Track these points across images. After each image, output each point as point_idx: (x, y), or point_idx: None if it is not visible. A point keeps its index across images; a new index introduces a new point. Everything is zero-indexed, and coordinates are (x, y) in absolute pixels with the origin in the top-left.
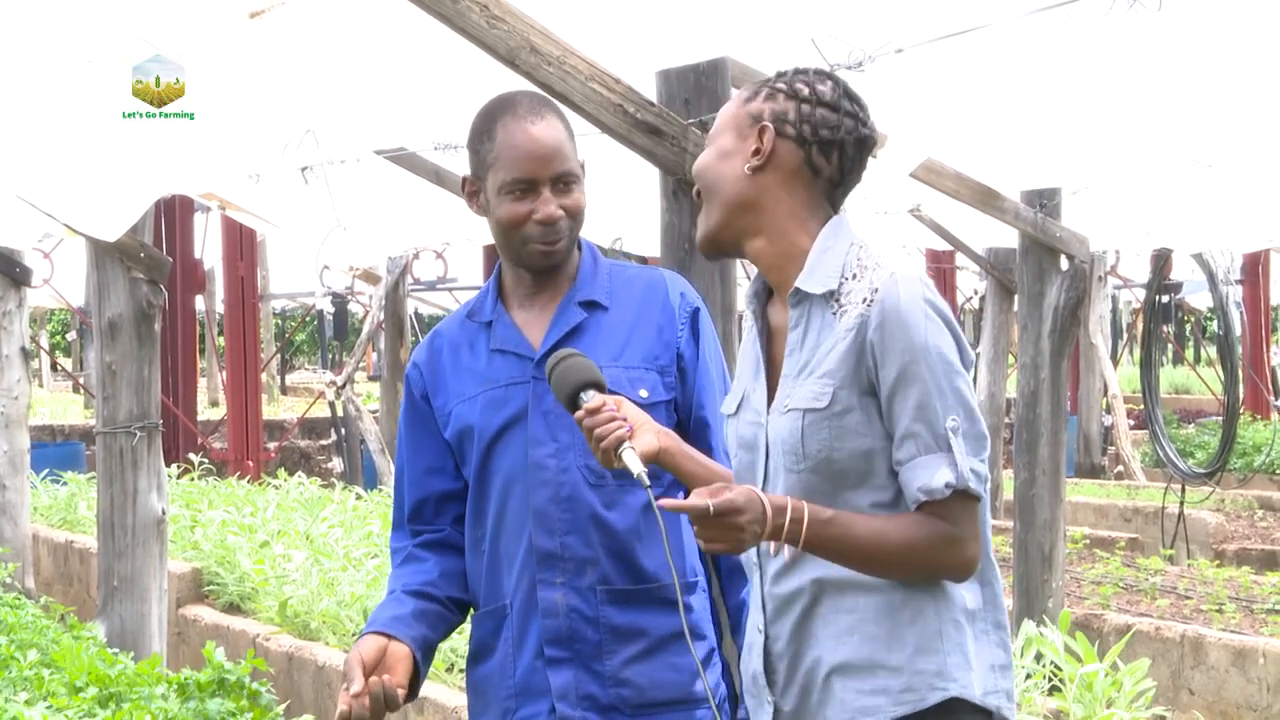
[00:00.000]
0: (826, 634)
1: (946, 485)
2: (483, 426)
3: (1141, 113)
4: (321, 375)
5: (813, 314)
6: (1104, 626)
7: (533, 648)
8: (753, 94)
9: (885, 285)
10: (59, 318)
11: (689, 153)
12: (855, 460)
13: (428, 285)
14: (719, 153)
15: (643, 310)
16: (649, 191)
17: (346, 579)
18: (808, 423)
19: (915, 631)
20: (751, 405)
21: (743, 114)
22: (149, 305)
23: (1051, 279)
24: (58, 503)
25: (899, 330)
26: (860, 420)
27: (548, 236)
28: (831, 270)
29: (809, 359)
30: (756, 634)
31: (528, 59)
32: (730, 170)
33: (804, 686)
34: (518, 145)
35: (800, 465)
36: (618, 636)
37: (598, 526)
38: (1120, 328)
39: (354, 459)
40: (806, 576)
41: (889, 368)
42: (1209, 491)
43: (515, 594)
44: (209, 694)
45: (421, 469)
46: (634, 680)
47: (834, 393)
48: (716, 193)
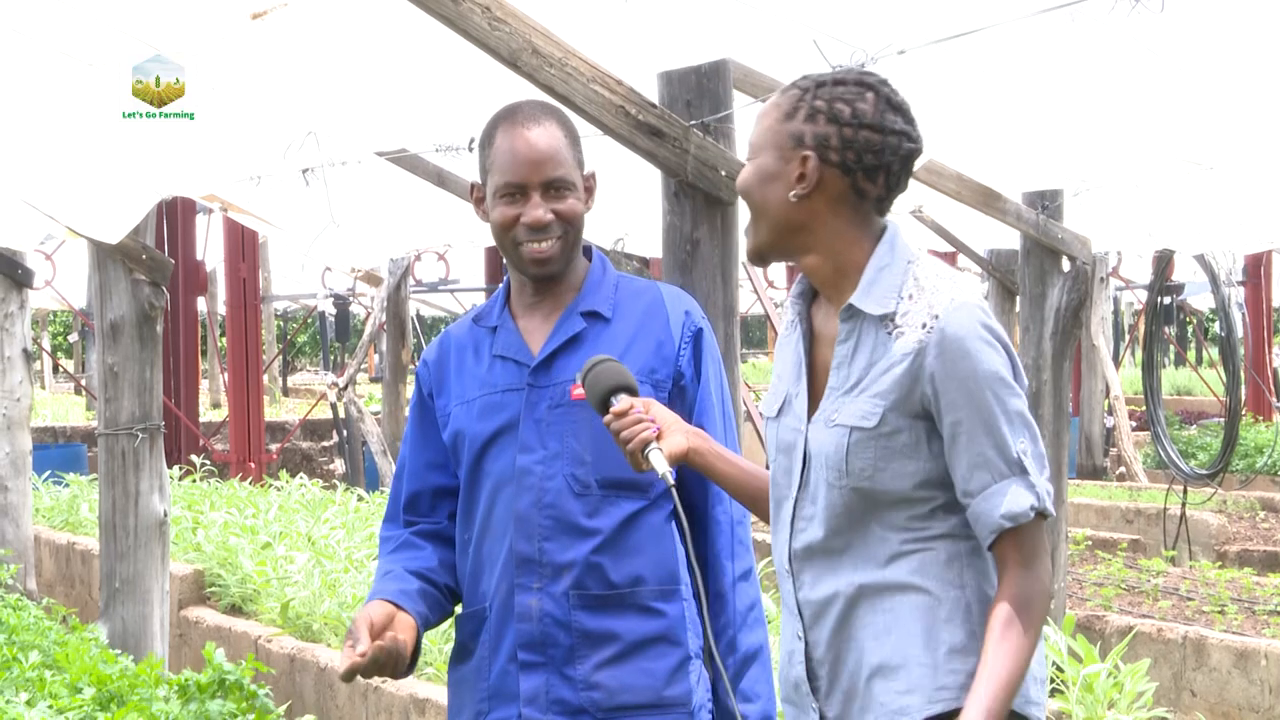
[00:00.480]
0: (865, 635)
1: (1031, 508)
2: (476, 431)
3: (1143, 115)
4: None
5: (865, 331)
6: (1106, 628)
7: (507, 652)
8: (792, 109)
9: (946, 312)
10: (61, 319)
11: (690, 154)
12: (897, 481)
13: (429, 287)
14: (762, 174)
15: (644, 324)
16: (651, 193)
17: (348, 581)
18: (854, 440)
19: (953, 631)
20: (793, 410)
21: (784, 134)
22: (151, 307)
23: (1053, 280)
24: (60, 504)
25: (960, 360)
26: (907, 443)
27: (535, 238)
28: (888, 291)
29: (860, 377)
30: (796, 641)
31: (529, 61)
32: (775, 195)
33: (848, 691)
34: (510, 150)
35: (842, 481)
36: (589, 641)
37: (577, 534)
38: (1122, 329)
39: (356, 461)
40: (841, 580)
41: (950, 397)
42: (1211, 493)
43: (494, 597)
44: (209, 696)
45: (423, 463)
46: (604, 684)
47: (884, 414)
48: (764, 215)
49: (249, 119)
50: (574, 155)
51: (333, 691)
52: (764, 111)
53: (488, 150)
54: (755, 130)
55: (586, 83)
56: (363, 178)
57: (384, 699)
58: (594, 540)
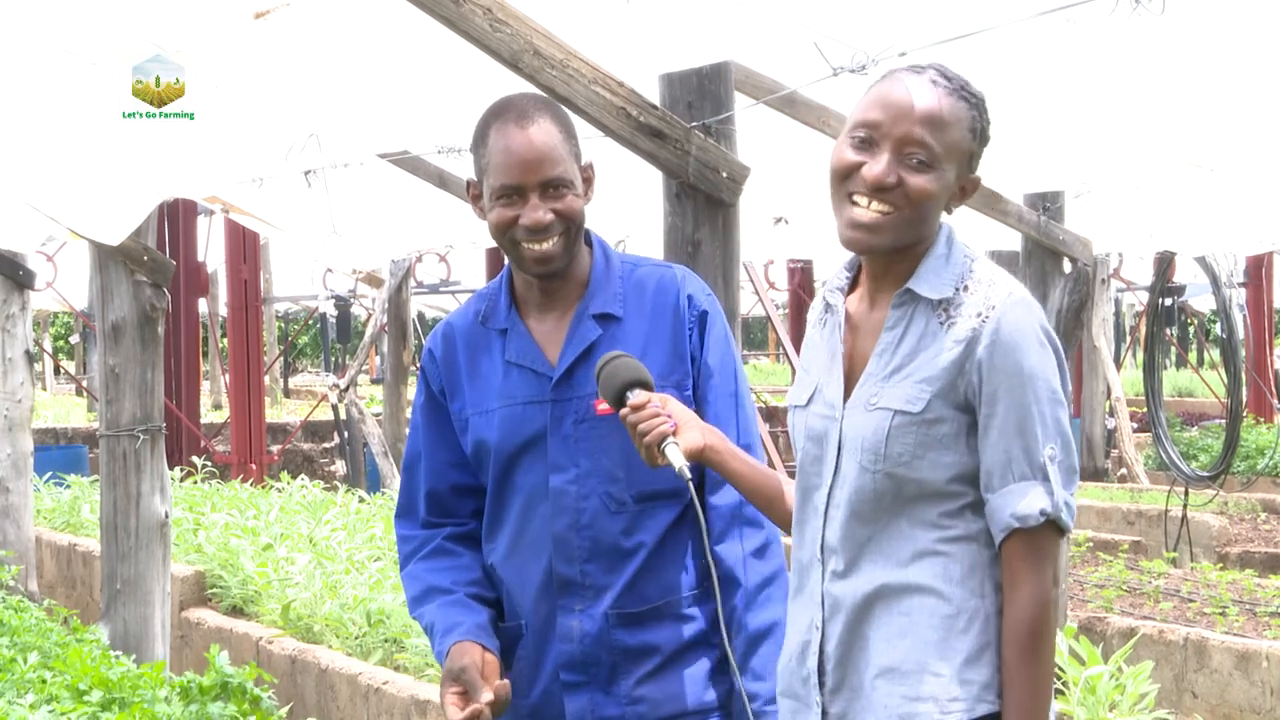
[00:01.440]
0: (878, 636)
1: (1041, 513)
2: (500, 445)
3: (1143, 117)
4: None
5: (916, 317)
6: (1107, 629)
7: (549, 671)
8: (971, 125)
9: (1002, 305)
10: (62, 321)
11: (692, 156)
12: (933, 471)
13: (431, 288)
14: (947, 188)
15: (655, 319)
16: (652, 194)
17: (350, 582)
18: (896, 424)
19: (969, 641)
20: (824, 398)
21: (965, 151)
22: (152, 308)
23: (1055, 282)
24: (61, 506)
25: (1010, 353)
26: (948, 433)
27: (535, 238)
28: (947, 278)
29: (905, 362)
30: (814, 632)
31: (531, 62)
32: (939, 205)
33: (854, 689)
34: (505, 151)
35: (878, 466)
36: (630, 657)
37: (618, 555)
38: (1124, 330)
39: (357, 462)
40: (865, 577)
41: (993, 388)
42: (1212, 494)
43: (533, 616)
44: (211, 698)
45: (442, 459)
46: (648, 696)
47: (929, 400)
48: (921, 221)
49: (251, 120)
50: (570, 149)
51: (333, 693)
52: (942, 118)
53: (482, 149)
54: (939, 137)
55: (588, 84)
56: (364, 179)
57: (385, 701)
58: (635, 560)
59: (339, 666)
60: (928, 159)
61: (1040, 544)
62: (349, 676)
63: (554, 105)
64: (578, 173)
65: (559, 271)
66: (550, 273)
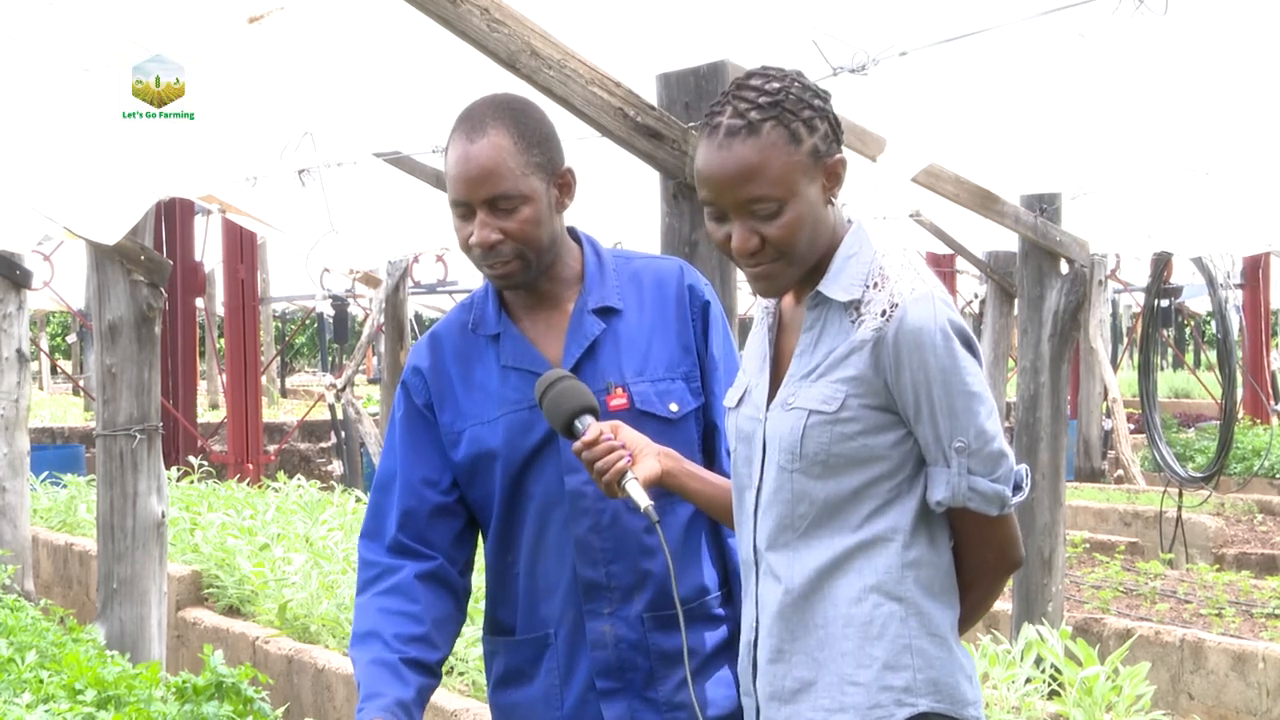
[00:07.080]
0: (797, 647)
1: (938, 504)
2: (509, 452)
3: (1141, 119)
4: (321, 378)
5: (830, 319)
6: (1104, 630)
7: (582, 680)
8: (790, 134)
9: (905, 301)
10: (59, 320)
11: (689, 156)
12: (850, 470)
13: (428, 288)
14: (808, 214)
15: (657, 311)
16: (649, 195)
17: (346, 582)
18: (811, 423)
19: (883, 647)
20: (753, 400)
21: (801, 162)
22: (149, 308)
23: (1051, 283)
24: (57, 505)
25: (915, 349)
26: (862, 429)
27: (487, 259)
28: (855, 278)
29: (820, 362)
30: (751, 633)
31: (528, 62)
32: (817, 219)
33: (780, 699)
34: (454, 164)
35: (794, 465)
36: (667, 661)
37: (642, 552)
38: (1120, 332)
39: (354, 462)
40: (787, 580)
41: (903, 383)
42: (1207, 495)
43: (560, 624)
44: (206, 698)
45: (417, 478)
46: (688, 702)
47: (844, 399)
48: (811, 247)
49: (246, 121)
50: (525, 161)
51: (330, 693)
52: (753, 168)
53: (446, 158)
54: (764, 181)
55: (585, 84)
56: (361, 179)
57: None
58: (660, 559)
59: (335, 666)
60: (773, 207)
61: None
62: (345, 676)
63: (514, 112)
64: (538, 185)
65: (525, 285)
66: (513, 287)
